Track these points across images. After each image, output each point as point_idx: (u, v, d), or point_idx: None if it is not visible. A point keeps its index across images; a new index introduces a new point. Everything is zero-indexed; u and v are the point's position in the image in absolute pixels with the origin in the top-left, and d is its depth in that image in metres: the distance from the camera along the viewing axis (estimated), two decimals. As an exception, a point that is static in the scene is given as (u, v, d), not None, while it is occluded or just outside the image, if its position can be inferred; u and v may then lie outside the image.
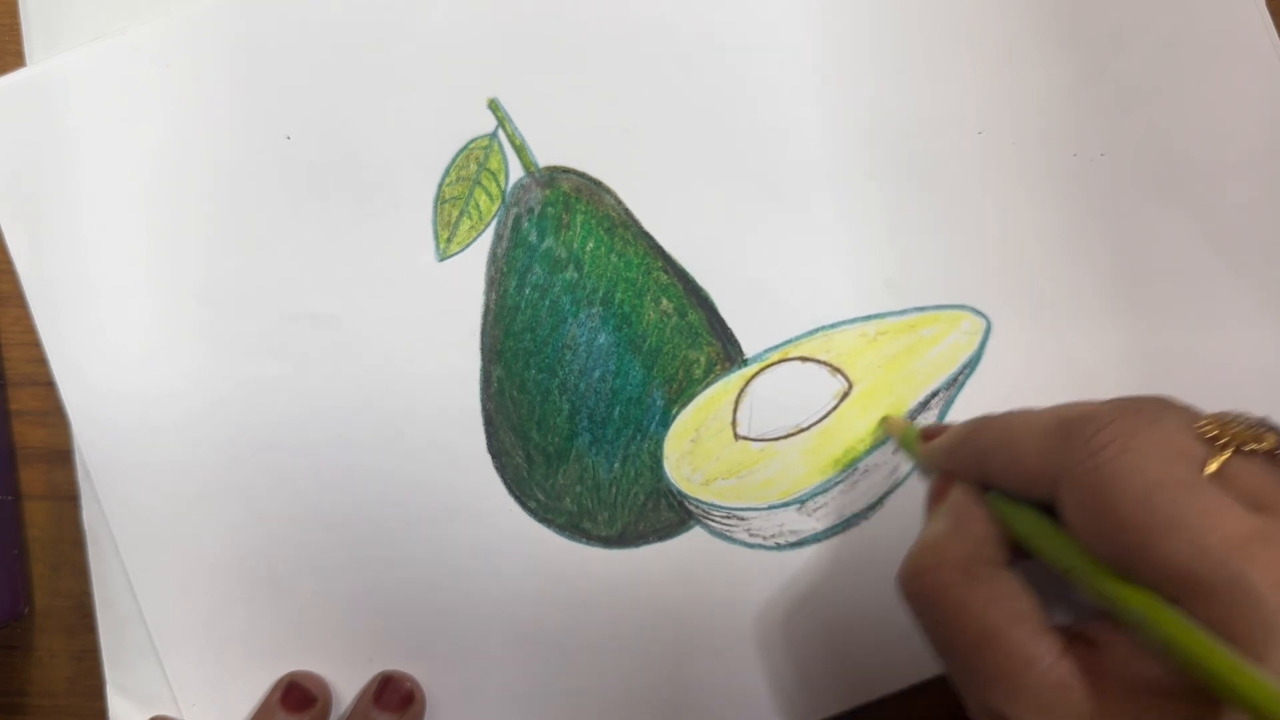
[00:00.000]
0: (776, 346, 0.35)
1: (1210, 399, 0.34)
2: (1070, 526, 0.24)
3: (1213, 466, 0.23)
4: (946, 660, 0.26)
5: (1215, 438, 0.23)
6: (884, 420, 0.35)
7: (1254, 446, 0.23)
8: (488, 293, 0.36)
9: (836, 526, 0.35)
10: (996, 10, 0.35)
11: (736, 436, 0.35)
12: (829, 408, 0.35)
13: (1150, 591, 0.22)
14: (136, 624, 0.35)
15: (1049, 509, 0.25)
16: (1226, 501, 0.22)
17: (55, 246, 0.36)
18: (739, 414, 0.35)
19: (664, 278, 0.35)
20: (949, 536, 0.27)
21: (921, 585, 0.26)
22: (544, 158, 0.36)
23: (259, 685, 0.35)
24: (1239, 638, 0.20)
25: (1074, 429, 0.24)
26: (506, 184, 0.36)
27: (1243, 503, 0.22)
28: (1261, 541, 0.21)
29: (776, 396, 0.35)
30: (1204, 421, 0.24)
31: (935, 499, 0.29)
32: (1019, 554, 0.26)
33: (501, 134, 0.36)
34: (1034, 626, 0.24)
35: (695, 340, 0.35)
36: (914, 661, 0.34)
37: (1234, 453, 0.23)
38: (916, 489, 0.35)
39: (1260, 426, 0.24)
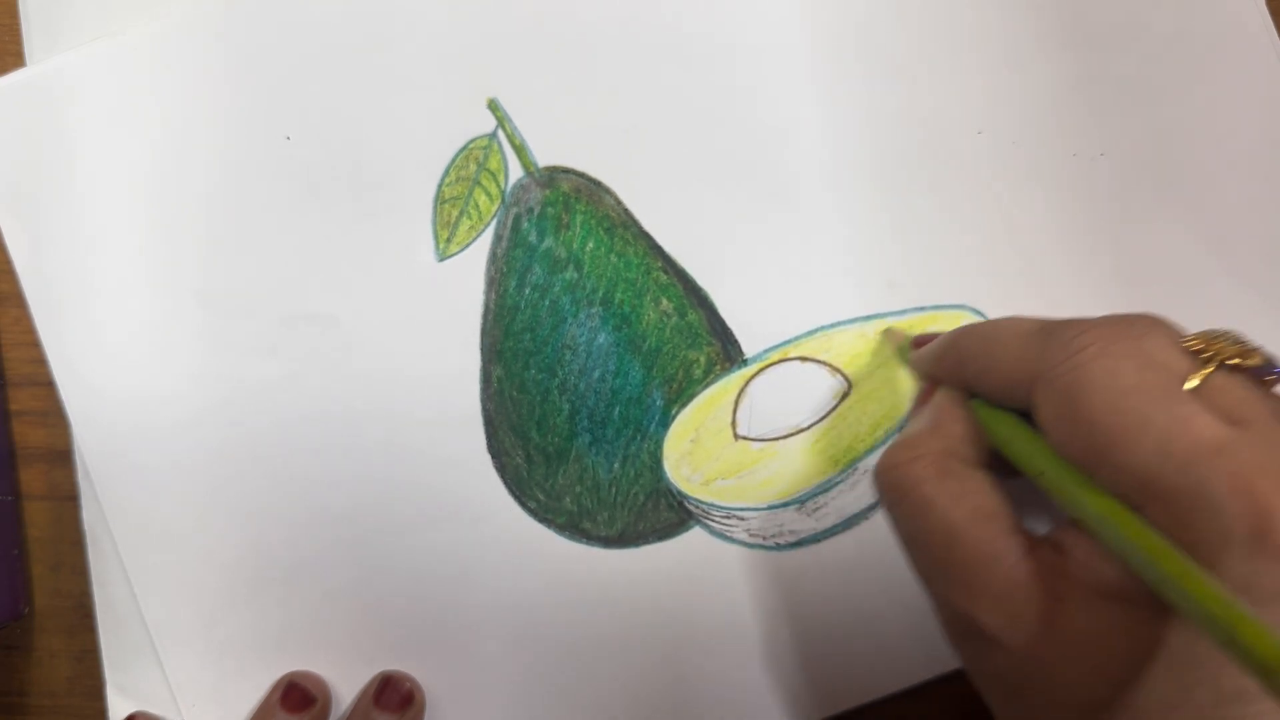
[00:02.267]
0: (776, 346, 0.35)
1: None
2: (1043, 428, 0.24)
3: (1194, 381, 0.22)
4: (914, 557, 0.26)
5: (1200, 351, 0.23)
6: (887, 331, 0.35)
7: (1238, 361, 0.23)
8: (487, 293, 0.36)
9: (836, 526, 0.35)
10: (996, 10, 0.35)
11: (736, 436, 0.35)
12: (829, 408, 0.35)
13: (1114, 496, 0.22)
14: (136, 624, 0.35)
15: (1028, 416, 0.25)
16: (1199, 411, 0.21)
17: (55, 246, 0.36)
18: (739, 414, 0.35)
19: (664, 278, 0.35)
20: (926, 433, 0.27)
21: (894, 477, 0.26)
22: (544, 158, 0.36)
23: (259, 685, 0.35)
24: (1196, 545, 0.20)
25: (1055, 331, 0.24)
26: (506, 184, 0.36)
27: (1219, 416, 0.22)
28: (1229, 452, 0.21)
29: (776, 396, 0.35)
30: (1191, 337, 0.23)
31: (919, 403, 0.29)
32: (1000, 465, 0.26)
33: (501, 134, 0.36)
34: (1000, 525, 0.24)
35: (695, 340, 0.35)
36: (915, 662, 0.34)
37: (1217, 368, 0.22)
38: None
39: (1248, 344, 0.23)
